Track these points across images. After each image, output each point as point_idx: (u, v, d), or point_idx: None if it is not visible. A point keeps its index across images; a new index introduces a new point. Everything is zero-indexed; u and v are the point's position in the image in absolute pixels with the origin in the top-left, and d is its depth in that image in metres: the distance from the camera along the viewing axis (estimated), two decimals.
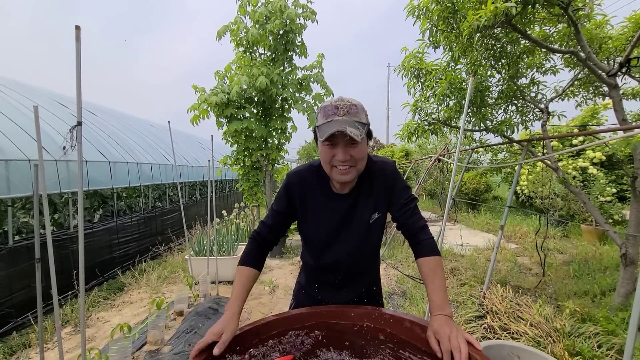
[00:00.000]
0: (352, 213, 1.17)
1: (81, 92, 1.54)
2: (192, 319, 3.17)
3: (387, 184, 1.16)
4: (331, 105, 1.01)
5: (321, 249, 1.22)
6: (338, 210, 1.17)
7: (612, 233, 2.94)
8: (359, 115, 1.01)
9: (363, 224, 1.17)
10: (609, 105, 6.29)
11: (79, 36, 1.49)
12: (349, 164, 1.03)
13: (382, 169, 1.17)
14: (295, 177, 1.18)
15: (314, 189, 1.17)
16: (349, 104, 1.01)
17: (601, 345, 2.26)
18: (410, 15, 2.92)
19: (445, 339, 0.86)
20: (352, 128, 0.96)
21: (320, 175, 1.16)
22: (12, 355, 2.86)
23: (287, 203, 1.18)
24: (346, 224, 1.18)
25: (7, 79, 5.34)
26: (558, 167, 3.37)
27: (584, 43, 2.56)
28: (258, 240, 1.21)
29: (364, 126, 1.02)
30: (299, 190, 1.17)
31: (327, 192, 1.17)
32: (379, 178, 1.17)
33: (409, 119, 3.78)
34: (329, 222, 1.18)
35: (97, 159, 4.77)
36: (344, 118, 0.99)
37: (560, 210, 6.25)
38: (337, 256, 1.21)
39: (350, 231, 1.18)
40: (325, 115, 1.01)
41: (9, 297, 3.24)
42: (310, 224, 1.21)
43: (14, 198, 3.54)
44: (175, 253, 6.11)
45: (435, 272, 1.05)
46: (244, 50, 5.40)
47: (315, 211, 1.18)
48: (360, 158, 1.04)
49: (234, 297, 1.06)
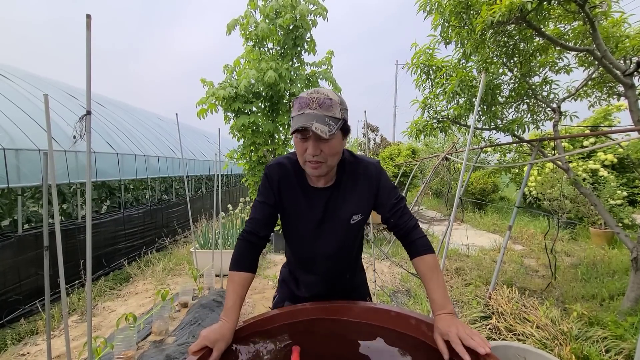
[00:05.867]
0: (330, 209, 1.14)
1: (91, 81, 1.54)
2: (197, 311, 3.19)
3: (372, 185, 1.14)
4: (305, 98, 0.97)
5: (299, 243, 1.21)
6: (314, 204, 1.14)
7: (623, 236, 2.89)
8: (332, 110, 0.96)
9: (342, 222, 1.14)
10: (622, 107, 6.17)
11: (89, 24, 1.49)
12: (319, 159, 1.00)
13: (365, 170, 1.14)
14: (274, 169, 1.15)
15: (291, 181, 1.14)
16: (323, 97, 0.96)
17: (609, 350, 2.22)
18: (422, 10, 2.87)
19: (455, 338, 0.85)
20: (320, 124, 0.93)
21: (298, 167, 1.13)
22: (20, 341, 2.91)
23: (271, 193, 1.14)
24: (324, 220, 1.15)
25: (18, 69, 5.40)
26: (569, 167, 3.31)
27: (600, 41, 2.50)
28: (248, 240, 1.13)
29: (337, 121, 0.97)
30: (277, 182, 1.13)
31: (304, 185, 1.14)
32: (362, 179, 1.14)
33: (418, 117, 3.74)
34: (306, 217, 1.15)
35: (106, 150, 4.81)
36: (315, 112, 0.95)
37: (569, 213, 6.16)
38: (315, 252, 1.18)
39: (328, 228, 1.15)
40: (298, 107, 0.98)
41: (17, 285, 3.29)
42: (288, 217, 1.18)
43: (24, 187, 3.59)
44: (180, 246, 6.15)
45: (433, 271, 1.05)
46: (253, 45, 5.38)
47: (292, 204, 1.15)
48: (331, 154, 1.01)
49: (230, 306, 1.00)
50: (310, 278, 1.24)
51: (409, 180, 8.12)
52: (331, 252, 1.18)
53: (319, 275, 1.22)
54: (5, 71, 4.73)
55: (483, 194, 9.54)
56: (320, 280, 1.23)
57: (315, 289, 1.24)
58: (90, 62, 1.55)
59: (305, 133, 0.97)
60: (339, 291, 1.25)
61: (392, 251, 5.62)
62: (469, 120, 3.52)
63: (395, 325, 1.06)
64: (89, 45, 1.52)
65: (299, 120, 0.95)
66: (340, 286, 1.26)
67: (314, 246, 1.18)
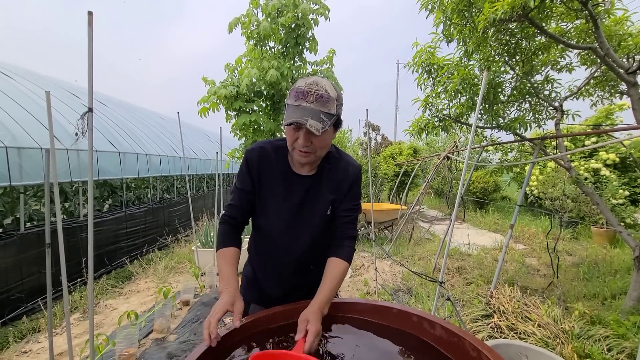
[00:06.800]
0: (309, 199, 1.15)
1: (92, 78, 1.54)
2: (198, 309, 3.20)
3: (348, 184, 1.17)
4: (303, 89, 0.96)
5: (274, 230, 1.17)
6: (294, 191, 1.14)
7: (626, 235, 2.88)
8: (328, 106, 0.96)
9: (319, 213, 1.16)
10: (625, 106, 6.14)
11: (91, 21, 1.49)
12: (309, 150, 1.02)
13: (346, 167, 1.17)
14: (255, 152, 1.13)
15: (272, 165, 1.13)
16: (320, 92, 0.95)
17: (611, 349, 2.22)
18: (424, 8, 2.87)
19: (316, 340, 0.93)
20: (315, 120, 0.93)
21: (280, 151, 1.13)
22: (22, 339, 2.92)
23: (249, 179, 1.13)
24: (302, 209, 1.15)
25: (19, 67, 5.41)
26: (571, 166, 3.30)
27: (603, 39, 2.49)
28: (230, 223, 1.16)
29: (331, 117, 0.98)
30: (257, 166, 1.12)
31: (286, 170, 1.14)
32: (342, 174, 1.16)
33: (419, 115, 3.73)
34: (284, 202, 1.14)
35: (107, 149, 4.82)
36: (312, 106, 0.95)
37: (570, 212, 6.14)
38: (290, 242, 1.17)
39: (305, 218, 1.15)
40: (295, 97, 0.97)
41: (19, 283, 3.30)
42: (264, 203, 1.16)
43: (26, 185, 3.60)
44: (182, 244, 6.17)
45: (337, 276, 1.10)
46: (254, 44, 5.38)
47: (270, 190, 1.14)
48: (321, 147, 1.04)
49: (228, 277, 1.02)
50: (282, 272, 1.21)
51: (410, 179, 8.11)
52: (306, 243, 1.17)
53: (290, 272, 1.21)
54: (6, 69, 4.74)
55: (485, 193, 9.52)
56: (291, 275, 1.21)
57: (287, 285, 1.22)
58: (92, 59, 1.56)
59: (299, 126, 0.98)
60: (308, 287, 1.21)
61: (393, 250, 5.62)
62: (471, 119, 3.51)
63: (398, 323, 1.06)
64: (91, 42, 1.53)
65: (294, 113, 0.95)
66: (312, 285, 1.23)
67: (289, 235, 1.16)
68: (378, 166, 9.99)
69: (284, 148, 1.11)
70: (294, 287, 1.23)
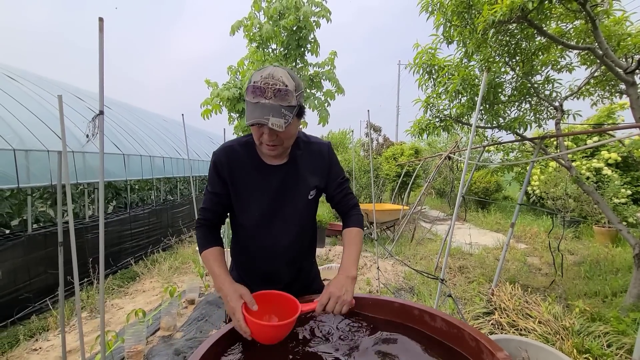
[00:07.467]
0: (288, 186, 1.15)
1: (103, 81, 1.59)
2: (204, 308, 3.25)
3: (325, 163, 1.21)
4: (259, 86, 0.94)
5: (256, 228, 1.16)
6: (271, 181, 1.13)
7: (626, 233, 2.91)
8: (287, 99, 0.95)
9: (302, 198, 1.17)
10: (626, 105, 6.15)
11: (102, 27, 1.54)
12: (276, 143, 1.03)
13: (319, 149, 1.21)
14: (222, 153, 1.13)
15: (243, 163, 1.13)
16: (278, 86, 0.93)
17: (611, 345, 2.25)
18: (424, 10, 2.91)
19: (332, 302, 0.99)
20: (277, 117, 0.93)
21: (249, 147, 1.13)
22: (31, 337, 2.97)
23: (220, 182, 1.13)
24: (283, 197, 1.15)
25: (26, 71, 5.49)
26: (572, 165, 3.33)
27: (602, 40, 2.52)
28: (206, 225, 1.18)
29: (293, 109, 0.97)
30: (227, 166, 1.12)
31: (258, 164, 1.13)
32: (317, 157, 1.20)
33: (420, 116, 3.77)
34: (263, 197, 1.13)
35: (112, 151, 4.89)
36: (271, 102, 0.93)
37: (572, 212, 6.16)
38: (274, 236, 1.16)
39: (288, 205, 1.15)
40: (252, 94, 0.95)
41: (27, 283, 3.36)
42: (243, 201, 1.14)
43: (33, 187, 3.66)
44: (186, 245, 6.22)
45: (354, 240, 1.17)
46: (257, 46, 5.44)
47: (247, 186, 1.13)
48: (287, 138, 1.05)
49: (219, 274, 1.05)
50: (272, 269, 1.20)
51: (411, 180, 8.14)
52: (291, 234, 1.17)
53: (276, 269, 1.20)
54: (13, 73, 4.81)
55: (486, 193, 9.54)
56: (283, 269, 1.20)
57: (279, 283, 1.19)
58: (103, 63, 1.61)
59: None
60: (298, 283, 1.24)
61: (395, 249, 5.65)
62: (471, 119, 3.55)
63: (400, 318, 1.09)
64: (102, 47, 1.58)
65: (255, 112, 0.94)
66: (301, 276, 1.26)
67: (272, 229, 1.15)
68: (380, 167, 10.02)
69: (252, 143, 1.11)
70: (285, 285, 1.20)
